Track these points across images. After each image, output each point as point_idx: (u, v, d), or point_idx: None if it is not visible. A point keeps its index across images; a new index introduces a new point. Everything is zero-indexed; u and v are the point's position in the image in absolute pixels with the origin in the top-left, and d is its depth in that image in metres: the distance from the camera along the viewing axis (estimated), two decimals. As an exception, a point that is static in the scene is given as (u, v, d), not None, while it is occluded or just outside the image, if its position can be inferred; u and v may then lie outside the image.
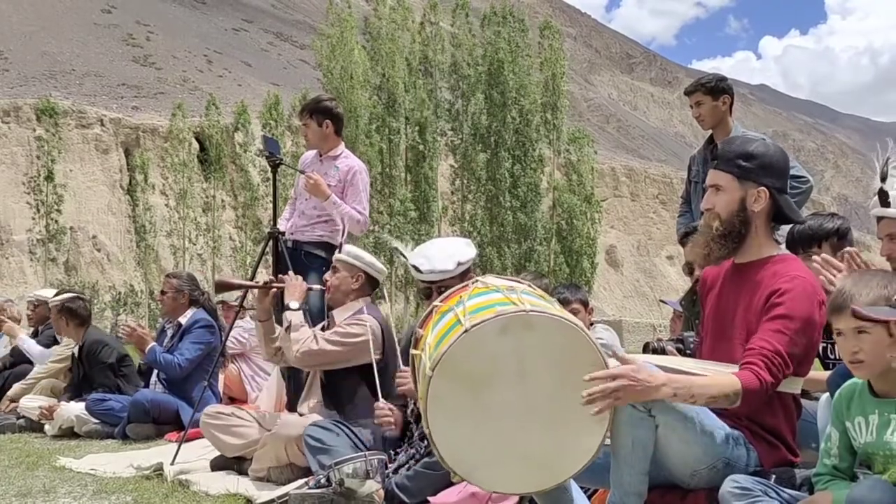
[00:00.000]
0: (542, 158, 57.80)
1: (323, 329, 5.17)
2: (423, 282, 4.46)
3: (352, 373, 4.87)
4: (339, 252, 5.37)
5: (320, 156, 6.70)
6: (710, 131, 6.04)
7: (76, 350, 7.91)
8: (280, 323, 5.27)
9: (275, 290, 5.22)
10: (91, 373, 7.73)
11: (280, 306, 5.28)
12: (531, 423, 2.84)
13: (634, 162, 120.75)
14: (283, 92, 69.31)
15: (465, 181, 58.30)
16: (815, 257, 3.46)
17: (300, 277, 5.28)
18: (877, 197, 3.51)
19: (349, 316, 5.09)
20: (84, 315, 8.02)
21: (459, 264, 4.40)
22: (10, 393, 8.42)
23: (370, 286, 5.26)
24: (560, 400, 2.82)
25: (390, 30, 55.51)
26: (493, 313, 2.84)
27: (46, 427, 7.42)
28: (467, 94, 57.38)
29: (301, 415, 5.14)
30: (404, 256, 4.41)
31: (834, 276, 3.39)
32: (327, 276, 5.28)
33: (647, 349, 5.06)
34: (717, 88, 5.90)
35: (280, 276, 5.37)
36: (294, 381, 6.31)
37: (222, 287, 5.39)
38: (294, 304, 5.04)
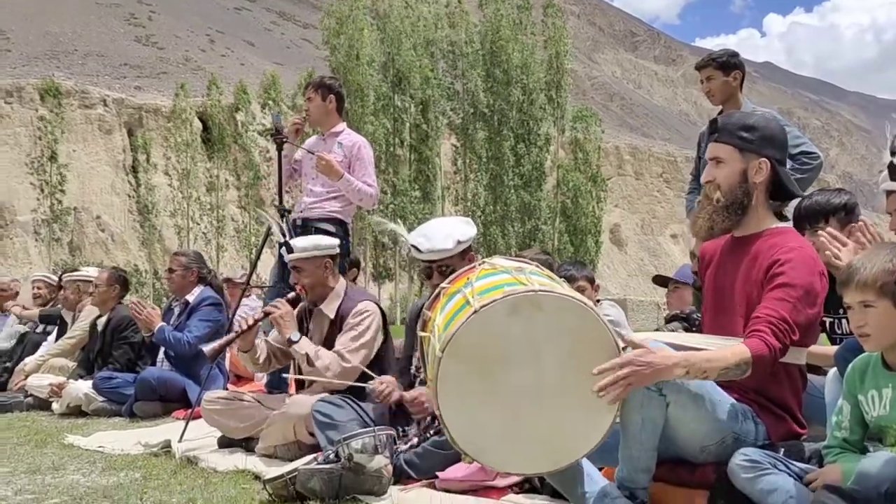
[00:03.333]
0: (548, 137, 57.70)
1: (309, 316, 5.13)
2: (423, 261, 4.45)
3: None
4: (288, 251, 5.16)
5: (322, 136, 6.74)
6: (718, 108, 6.01)
7: (102, 323, 7.95)
8: (303, 329, 5.11)
9: (259, 324, 5.02)
10: (110, 348, 7.76)
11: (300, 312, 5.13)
12: (542, 403, 2.83)
13: (638, 140, 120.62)
14: (286, 71, 69.34)
15: (468, 160, 58.21)
16: (820, 232, 3.45)
17: (283, 303, 5.00)
18: (886, 171, 3.50)
19: (342, 304, 5.03)
20: (127, 290, 8.17)
21: (459, 243, 4.38)
22: (25, 367, 8.48)
23: (336, 264, 5.20)
24: (570, 379, 2.81)
25: (400, 7, 55.31)
26: (502, 293, 2.83)
27: (54, 405, 7.46)
28: (467, 73, 57.20)
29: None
30: (403, 237, 4.39)
31: (839, 250, 3.39)
32: (293, 279, 5.13)
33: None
34: (728, 64, 5.87)
35: (263, 311, 5.08)
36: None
37: (213, 355, 5.13)
38: (295, 336, 4.88)
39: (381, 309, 5.10)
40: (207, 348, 4.92)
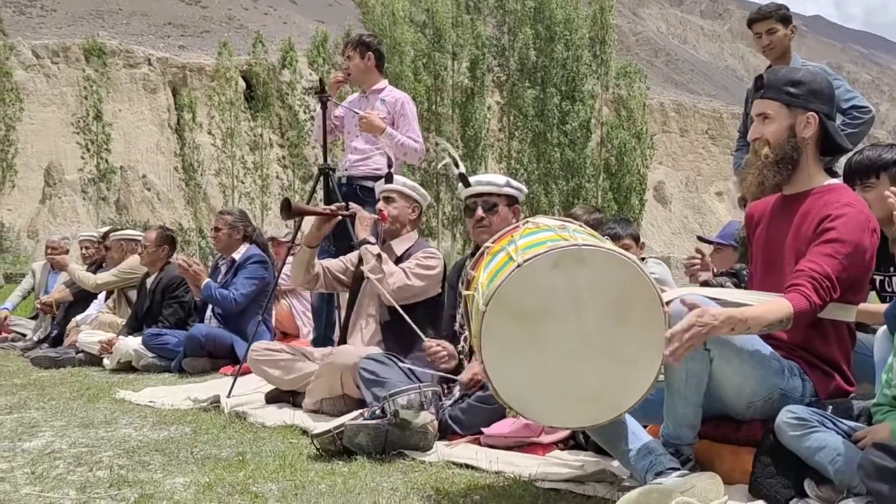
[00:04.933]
0: (592, 94, 57.13)
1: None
2: (469, 196, 4.47)
3: (414, 309, 4.87)
4: (388, 182, 5.28)
5: (364, 93, 6.73)
6: (766, 63, 5.92)
7: (151, 282, 8.06)
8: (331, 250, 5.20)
9: (340, 218, 5.12)
10: (160, 307, 7.88)
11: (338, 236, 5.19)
12: (585, 358, 2.84)
13: (683, 97, 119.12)
14: (329, 29, 69.10)
15: (512, 118, 57.84)
16: (886, 192, 3.39)
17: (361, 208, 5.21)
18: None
19: (412, 248, 5.15)
20: (175, 249, 8.31)
21: (510, 184, 4.44)
22: (96, 279, 8.78)
23: (419, 217, 5.33)
24: (614, 334, 2.81)
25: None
26: (546, 248, 2.83)
27: (105, 361, 7.58)
28: (514, 29, 56.66)
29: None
30: (456, 165, 4.35)
31: None
32: (381, 205, 5.23)
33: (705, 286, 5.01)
34: (788, 17, 5.82)
35: (350, 204, 5.25)
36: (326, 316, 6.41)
37: (296, 212, 5.12)
38: (372, 239, 5.02)
39: (445, 264, 5.19)
40: (295, 204, 5.03)
